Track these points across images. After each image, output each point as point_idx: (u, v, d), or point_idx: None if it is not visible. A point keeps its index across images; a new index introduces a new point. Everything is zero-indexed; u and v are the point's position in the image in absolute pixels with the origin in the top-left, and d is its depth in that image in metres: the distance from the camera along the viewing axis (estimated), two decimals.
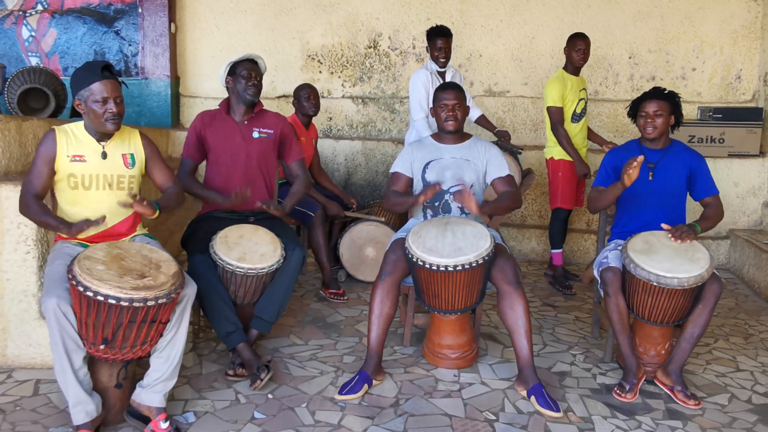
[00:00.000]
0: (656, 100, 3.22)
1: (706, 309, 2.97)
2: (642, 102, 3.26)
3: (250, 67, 3.42)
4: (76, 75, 2.70)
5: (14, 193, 2.91)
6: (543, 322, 4.00)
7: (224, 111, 3.50)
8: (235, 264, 3.02)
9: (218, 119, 3.48)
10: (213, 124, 3.47)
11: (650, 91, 3.27)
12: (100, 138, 2.75)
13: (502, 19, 6.02)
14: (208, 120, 3.49)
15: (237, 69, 3.42)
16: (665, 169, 3.26)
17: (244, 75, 3.39)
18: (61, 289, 2.43)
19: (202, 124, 3.48)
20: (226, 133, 3.45)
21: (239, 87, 3.41)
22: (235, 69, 3.42)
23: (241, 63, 3.43)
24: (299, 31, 6.11)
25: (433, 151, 3.41)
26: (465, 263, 2.90)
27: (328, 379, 3.10)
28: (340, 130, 6.22)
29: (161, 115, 5.99)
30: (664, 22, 5.93)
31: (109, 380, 2.59)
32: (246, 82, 3.39)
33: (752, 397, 3.10)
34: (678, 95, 3.28)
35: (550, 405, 2.83)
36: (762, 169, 5.57)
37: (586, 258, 5.49)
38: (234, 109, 3.49)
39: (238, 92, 3.42)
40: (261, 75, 3.49)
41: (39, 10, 5.85)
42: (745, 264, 5.13)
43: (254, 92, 3.42)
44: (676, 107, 3.26)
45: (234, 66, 3.43)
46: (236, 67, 3.42)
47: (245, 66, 3.41)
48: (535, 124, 6.10)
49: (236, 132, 3.45)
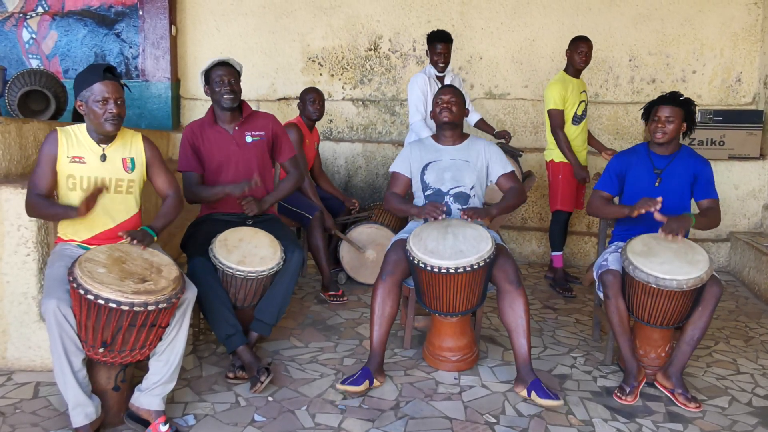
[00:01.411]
0: (670, 105, 3.19)
1: (706, 311, 2.96)
2: (656, 106, 3.24)
3: (223, 72, 3.31)
4: (79, 77, 2.71)
5: (14, 195, 2.91)
6: (543, 325, 4.00)
7: (212, 120, 3.43)
8: (235, 267, 3.02)
9: (208, 129, 3.42)
10: (204, 134, 3.40)
11: (667, 96, 3.24)
12: (100, 140, 2.75)
13: (502, 22, 6.02)
14: (198, 131, 3.42)
15: (210, 76, 3.34)
16: (671, 175, 3.26)
17: (217, 81, 3.31)
18: (61, 291, 2.43)
19: (194, 136, 3.40)
20: (219, 143, 3.39)
21: (216, 95, 3.34)
22: (209, 76, 3.35)
23: (213, 69, 3.34)
24: (300, 33, 6.11)
25: (432, 152, 3.41)
26: (466, 265, 2.90)
27: (329, 382, 3.10)
28: (340, 132, 6.22)
29: (162, 118, 5.99)
30: (664, 25, 5.93)
31: (107, 383, 2.59)
32: (221, 89, 3.31)
33: (752, 400, 3.10)
34: (694, 103, 3.26)
35: (550, 395, 2.84)
36: (762, 172, 5.57)
37: (586, 260, 5.49)
38: (220, 116, 3.42)
39: (216, 100, 3.36)
40: (237, 77, 3.37)
41: (39, 13, 5.85)
42: (745, 266, 5.12)
43: (231, 98, 3.32)
44: (690, 115, 3.24)
45: (207, 73, 3.36)
46: (209, 74, 3.35)
47: (217, 72, 3.32)
48: (535, 126, 6.10)
49: (229, 140, 3.41)
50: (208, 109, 3.50)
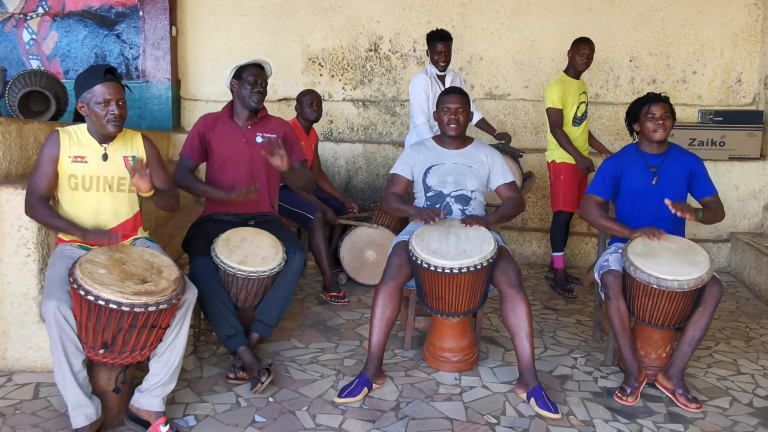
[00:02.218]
0: (662, 103, 3.22)
1: (706, 312, 2.96)
2: (645, 105, 3.25)
3: (257, 72, 3.39)
4: (80, 78, 2.72)
5: (14, 196, 2.91)
6: (544, 326, 3.99)
7: (228, 114, 3.48)
8: (236, 267, 3.02)
9: (221, 123, 3.45)
10: (216, 127, 3.45)
11: (652, 96, 3.27)
12: (102, 140, 2.76)
13: (502, 23, 6.03)
14: (211, 123, 3.46)
15: (243, 74, 3.38)
16: (667, 172, 3.26)
17: (251, 81, 3.36)
18: (61, 292, 2.43)
19: (206, 127, 3.44)
20: (229, 138, 3.43)
21: (244, 92, 3.38)
22: (241, 73, 3.38)
23: (248, 68, 3.39)
24: (300, 34, 6.11)
25: (435, 155, 3.41)
26: (470, 266, 2.90)
27: (329, 383, 3.10)
28: (340, 133, 6.22)
29: (162, 118, 5.99)
30: (664, 26, 5.94)
31: (108, 384, 2.58)
32: (252, 89, 3.36)
33: (753, 401, 3.09)
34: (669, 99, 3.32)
35: (549, 407, 2.83)
36: (762, 172, 5.57)
37: (587, 261, 5.49)
38: (238, 113, 3.47)
39: (243, 97, 3.40)
40: (266, 81, 3.46)
41: (40, 14, 5.86)
42: (745, 267, 5.12)
43: (259, 99, 3.39)
44: (673, 112, 3.28)
45: (240, 70, 3.40)
46: (242, 72, 3.39)
47: (252, 71, 3.38)
48: (535, 127, 6.10)
49: (240, 136, 3.44)
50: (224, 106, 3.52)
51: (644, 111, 3.25)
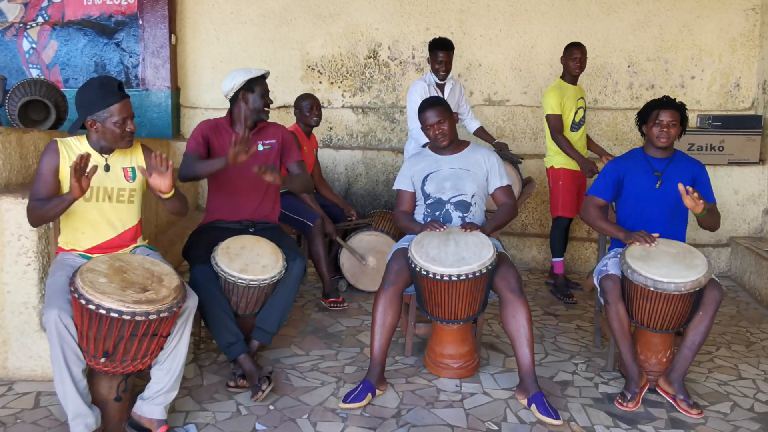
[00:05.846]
0: (671, 110, 3.21)
1: (706, 316, 2.96)
2: (655, 110, 3.24)
3: (265, 84, 3.42)
4: (90, 94, 2.68)
5: (15, 205, 2.92)
6: (544, 331, 3.99)
7: (228, 122, 3.47)
8: (237, 275, 3.02)
9: (222, 131, 3.44)
10: (217, 134, 3.43)
11: (664, 101, 3.26)
12: (103, 151, 2.76)
13: (501, 29, 6.04)
14: (213, 128, 3.44)
15: (255, 86, 3.37)
16: (671, 177, 3.26)
17: (263, 94, 3.39)
18: (62, 301, 2.43)
19: (209, 131, 3.42)
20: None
21: (256, 105, 3.38)
22: (253, 86, 3.37)
23: (259, 81, 3.39)
24: (299, 41, 6.13)
25: (431, 162, 3.42)
26: (469, 273, 2.90)
27: (330, 390, 3.10)
28: (340, 139, 6.23)
29: (162, 126, 6.01)
30: (662, 31, 5.95)
31: (109, 393, 2.58)
32: (264, 102, 3.40)
33: (755, 405, 3.09)
34: (685, 107, 3.30)
35: (550, 413, 2.82)
36: (762, 177, 5.57)
37: (587, 266, 5.49)
38: (240, 122, 3.44)
39: (254, 109, 3.39)
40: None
41: (40, 23, 5.88)
42: (745, 271, 5.12)
43: (268, 112, 3.46)
44: (684, 119, 3.27)
45: (251, 82, 3.38)
46: (254, 84, 3.37)
47: (262, 84, 3.40)
48: (534, 132, 6.11)
49: None
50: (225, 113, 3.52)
51: (653, 115, 3.24)
